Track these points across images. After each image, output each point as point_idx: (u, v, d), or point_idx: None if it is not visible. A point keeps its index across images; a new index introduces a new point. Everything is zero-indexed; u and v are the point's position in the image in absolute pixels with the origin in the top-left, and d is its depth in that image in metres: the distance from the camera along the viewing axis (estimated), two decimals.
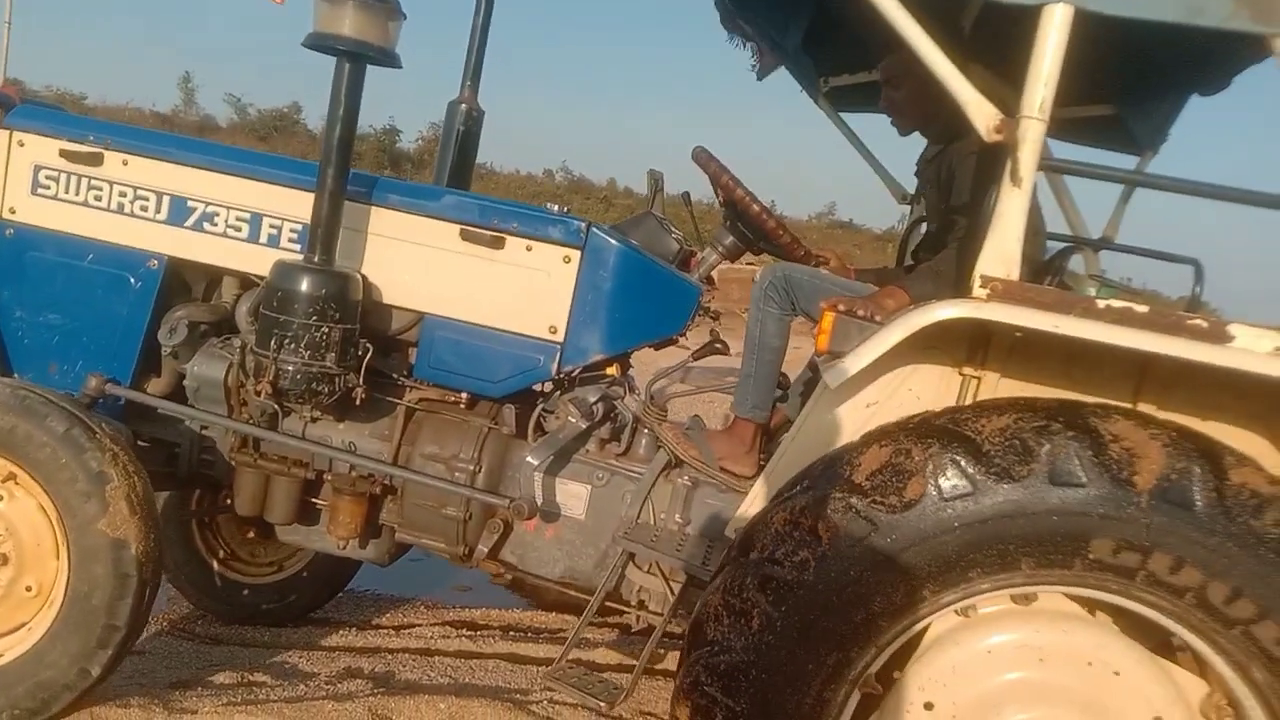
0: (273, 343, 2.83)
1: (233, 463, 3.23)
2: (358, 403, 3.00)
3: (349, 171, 2.88)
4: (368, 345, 2.97)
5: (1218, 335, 2.07)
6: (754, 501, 2.63)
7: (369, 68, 2.81)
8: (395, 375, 3.18)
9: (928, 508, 2.08)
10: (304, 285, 2.83)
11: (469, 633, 4.01)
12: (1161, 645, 2.27)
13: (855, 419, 2.52)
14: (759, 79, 3.80)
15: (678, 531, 3.03)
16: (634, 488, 3.10)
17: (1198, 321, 2.09)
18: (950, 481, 2.08)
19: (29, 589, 2.75)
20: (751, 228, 3.13)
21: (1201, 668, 2.22)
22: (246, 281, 3.29)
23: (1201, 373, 2.11)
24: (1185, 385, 2.31)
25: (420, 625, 4.11)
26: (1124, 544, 2.03)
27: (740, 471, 3.02)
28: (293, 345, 2.83)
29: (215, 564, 3.91)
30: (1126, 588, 2.09)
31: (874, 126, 3.87)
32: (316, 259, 2.86)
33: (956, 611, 2.20)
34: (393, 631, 4.01)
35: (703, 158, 3.14)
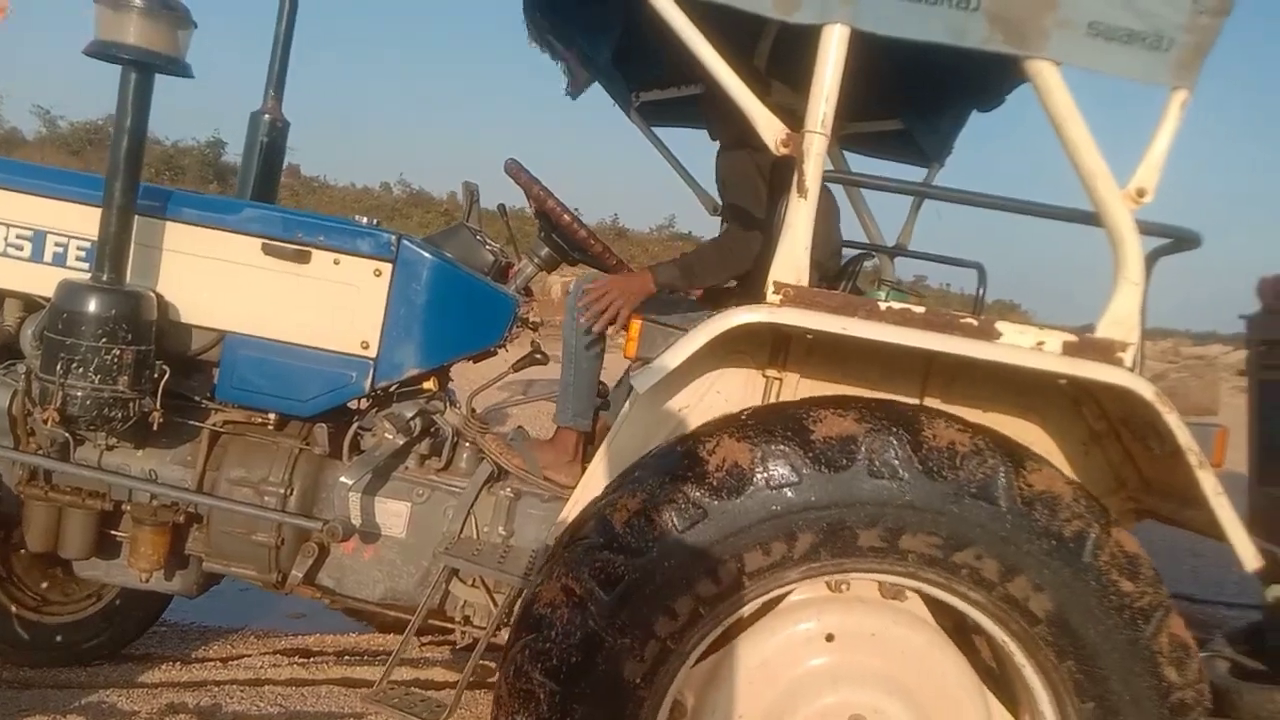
0: (59, 367, 2.67)
1: (21, 497, 3.02)
2: (155, 428, 2.86)
3: (139, 185, 2.75)
4: (164, 367, 2.84)
5: (987, 333, 2.24)
6: (575, 505, 2.65)
7: (162, 77, 2.69)
8: (197, 397, 3.04)
9: (754, 496, 2.18)
10: (92, 306, 2.68)
11: (301, 660, 3.88)
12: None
13: (668, 422, 2.58)
14: (573, 97, 3.84)
15: (501, 544, 3.02)
16: (456, 503, 3.06)
17: (969, 320, 2.25)
18: (777, 471, 2.19)
19: None
20: (564, 238, 3.16)
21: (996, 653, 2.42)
22: (31, 304, 3.08)
23: (978, 368, 2.28)
24: (964, 380, 2.48)
25: (250, 655, 3.94)
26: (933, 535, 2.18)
27: (565, 481, 3.04)
28: (81, 369, 2.67)
29: (22, 611, 3.63)
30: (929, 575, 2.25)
31: (689, 138, 4.00)
32: (105, 277, 2.72)
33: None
34: (219, 664, 3.83)
35: (514, 170, 3.15)
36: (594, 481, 2.57)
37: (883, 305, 2.25)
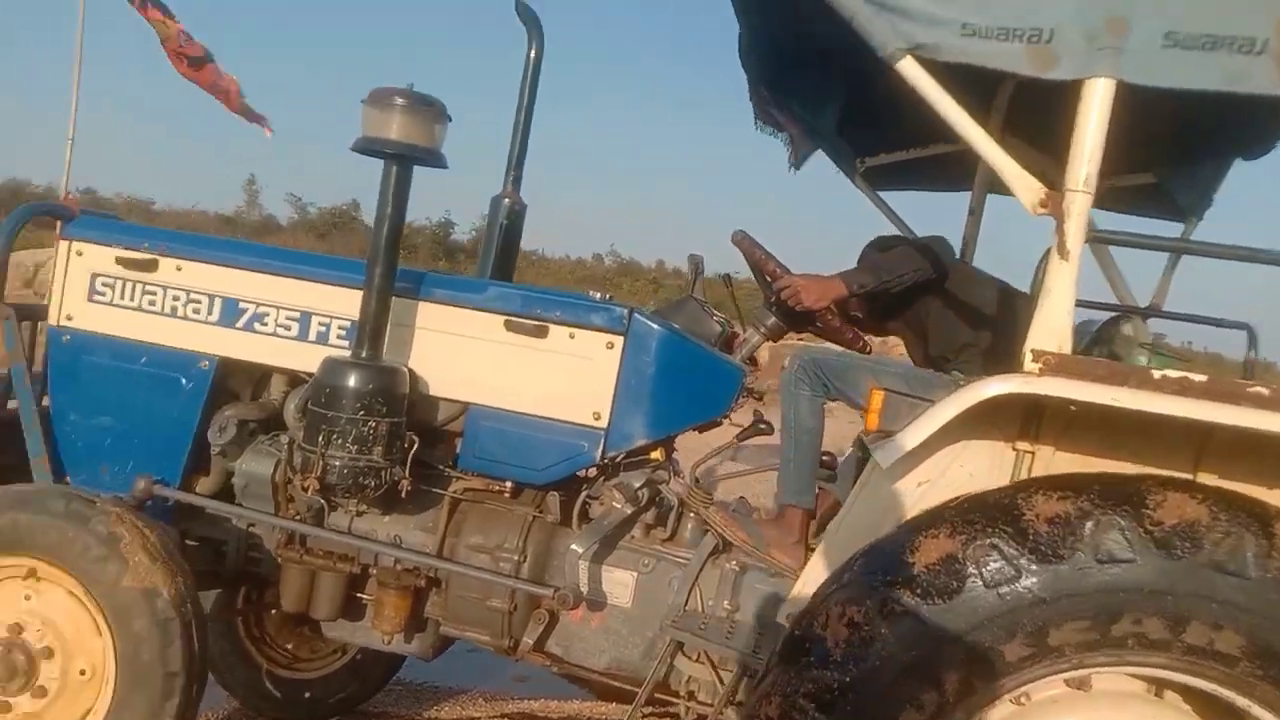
0: (320, 438, 2.85)
1: (279, 559, 3.23)
2: (403, 495, 3.00)
3: (396, 268, 2.93)
4: (414, 438, 2.98)
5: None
6: (804, 586, 2.57)
7: (417, 168, 2.88)
8: (440, 466, 3.18)
9: (975, 595, 2.03)
10: (351, 380, 2.86)
11: None
12: None
13: (907, 498, 2.46)
14: (795, 168, 3.83)
15: (726, 618, 2.96)
16: (680, 574, 3.04)
17: (1258, 389, 2.03)
18: (994, 566, 2.03)
19: (83, 673, 2.75)
20: (791, 309, 3.12)
21: None
22: (295, 379, 3.33)
23: (1266, 441, 2.04)
24: (1249, 454, 2.23)
25: (479, 718, 4.02)
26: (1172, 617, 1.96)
27: (788, 561, 2.97)
28: (340, 440, 2.84)
29: (274, 668, 3.89)
30: (1179, 662, 2.01)
31: (912, 201, 3.90)
32: (364, 354, 2.90)
33: (1011, 701, 2.12)
34: None
35: (742, 242, 3.15)
36: (824, 563, 2.48)
37: (1156, 374, 2.06)
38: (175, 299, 3.25)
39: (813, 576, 2.54)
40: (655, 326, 3.01)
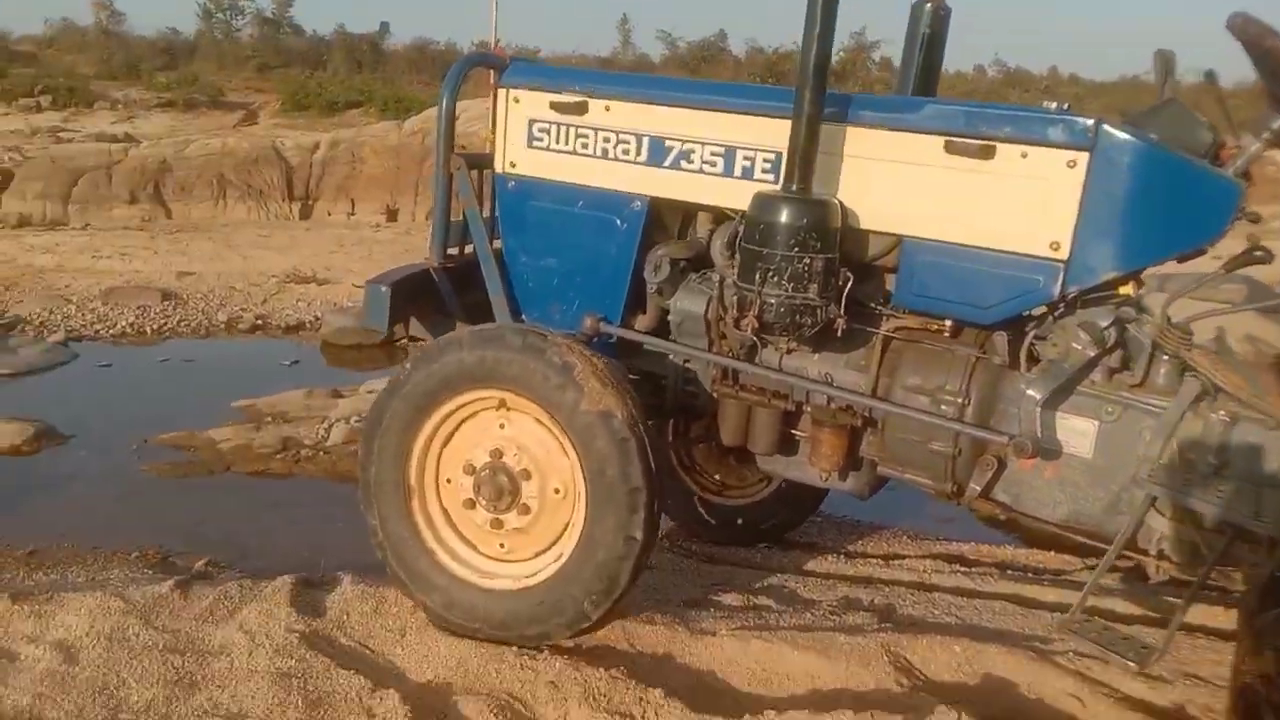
0: (755, 276, 2.81)
1: (715, 395, 3.31)
2: (839, 334, 2.91)
3: (825, 95, 2.74)
4: (848, 274, 2.86)
5: None
6: None
7: None
8: (871, 304, 3.04)
9: None
10: (784, 216, 2.76)
11: (963, 569, 3.83)
12: None
13: None
14: None
15: (1213, 475, 2.60)
16: (1154, 423, 2.71)
17: None
18: None
19: (557, 491, 3.01)
20: None
21: None
22: (719, 216, 3.32)
23: None
24: None
25: (909, 557, 4.01)
26: None
27: None
28: (775, 278, 2.79)
29: (705, 494, 4.10)
30: None
31: None
32: (794, 187, 2.78)
33: None
34: (881, 562, 3.95)
35: (1246, 26, 2.58)
36: None
37: None
38: (605, 141, 3.31)
39: None
40: (1128, 138, 2.59)
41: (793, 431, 3.26)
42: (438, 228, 3.66)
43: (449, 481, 3.14)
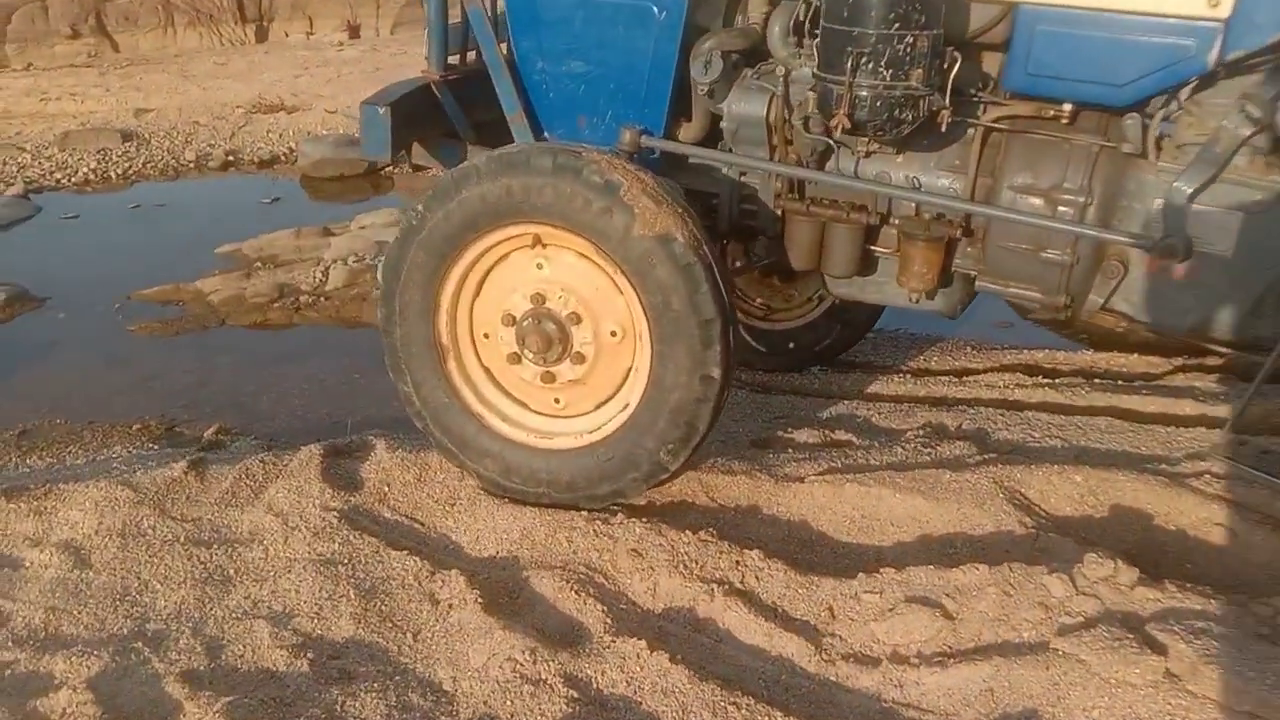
0: (846, 63, 2.32)
1: (778, 211, 2.87)
2: (943, 129, 2.45)
3: None
4: (955, 55, 2.37)
5: None
6: None
7: None
8: (970, 90, 2.55)
9: None
10: None
11: (1046, 380, 3.47)
12: None
13: None
14: None
15: None
16: None
17: None
18: None
19: (614, 334, 2.62)
20: None
21: None
22: None
23: None
24: None
25: (982, 371, 3.65)
26: None
27: None
28: (870, 64, 2.30)
29: (752, 321, 3.72)
30: None
31: None
32: None
33: None
34: (954, 379, 3.57)
35: None
36: None
37: None
38: None
39: None
40: None
41: (873, 248, 2.84)
42: (435, 31, 3.11)
43: (486, 337, 2.74)
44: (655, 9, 2.78)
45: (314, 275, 5.44)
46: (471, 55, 3.22)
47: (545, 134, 3.08)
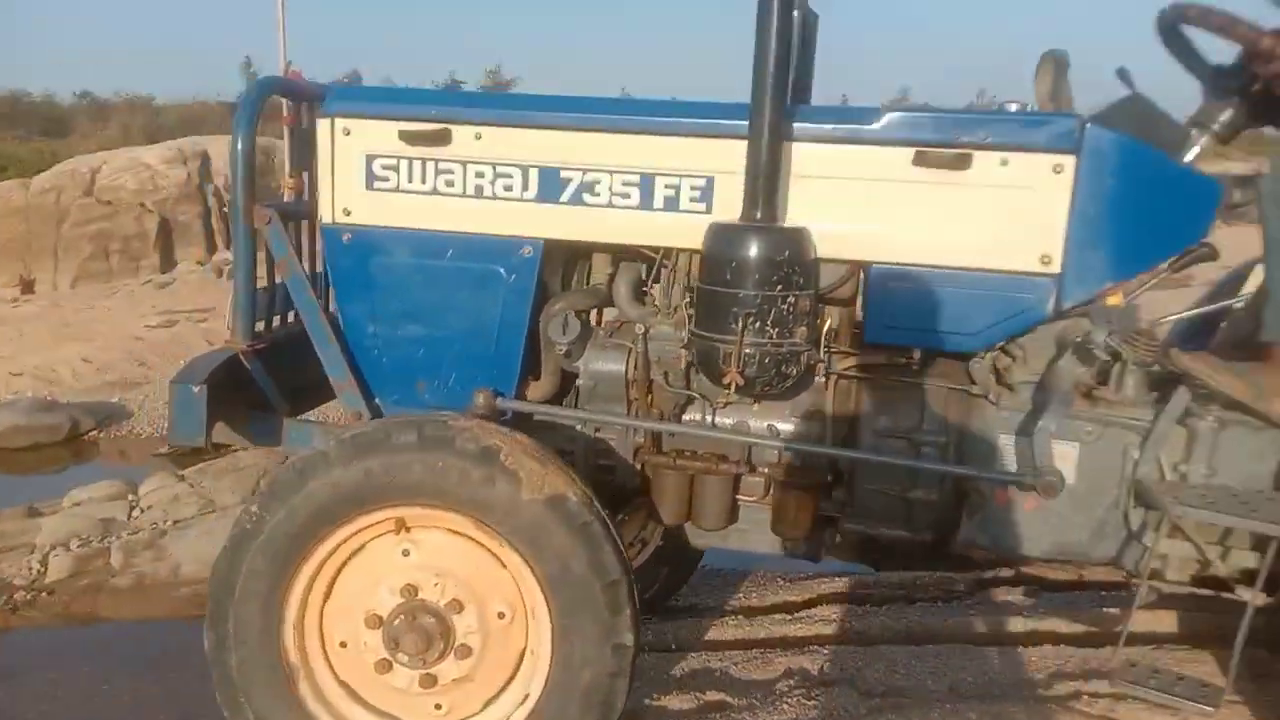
0: (729, 323, 2.33)
1: (639, 466, 2.78)
2: (817, 379, 2.51)
3: (785, 108, 2.33)
4: (826, 312, 2.46)
5: None
6: None
7: None
8: (827, 343, 2.66)
9: None
10: (756, 249, 2.31)
11: (904, 601, 3.49)
12: None
13: None
14: None
15: (1219, 486, 2.48)
16: (1137, 438, 2.54)
17: None
18: None
19: (501, 615, 2.36)
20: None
21: None
22: (618, 256, 2.81)
23: None
24: None
25: (801, 605, 3.61)
26: None
27: None
28: (756, 323, 2.33)
29: None
30: None
31: None
32: (759, 215, 2.34)
33: None
34: (785, 616, 3.52)
35: (1196, 14, 2.48)
36: None
37: None
38: (479, 175, 2.67)
39: None
40: (1116, 138, 2.39)
41: (740, 497, 2.80)
42: (243, 299, 2.84)
43: (344, 645, 2.36)
44: (504, 271, 2.70)
45: (29, 567, 4.61)
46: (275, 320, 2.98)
47: (376, 400, 2.85)
